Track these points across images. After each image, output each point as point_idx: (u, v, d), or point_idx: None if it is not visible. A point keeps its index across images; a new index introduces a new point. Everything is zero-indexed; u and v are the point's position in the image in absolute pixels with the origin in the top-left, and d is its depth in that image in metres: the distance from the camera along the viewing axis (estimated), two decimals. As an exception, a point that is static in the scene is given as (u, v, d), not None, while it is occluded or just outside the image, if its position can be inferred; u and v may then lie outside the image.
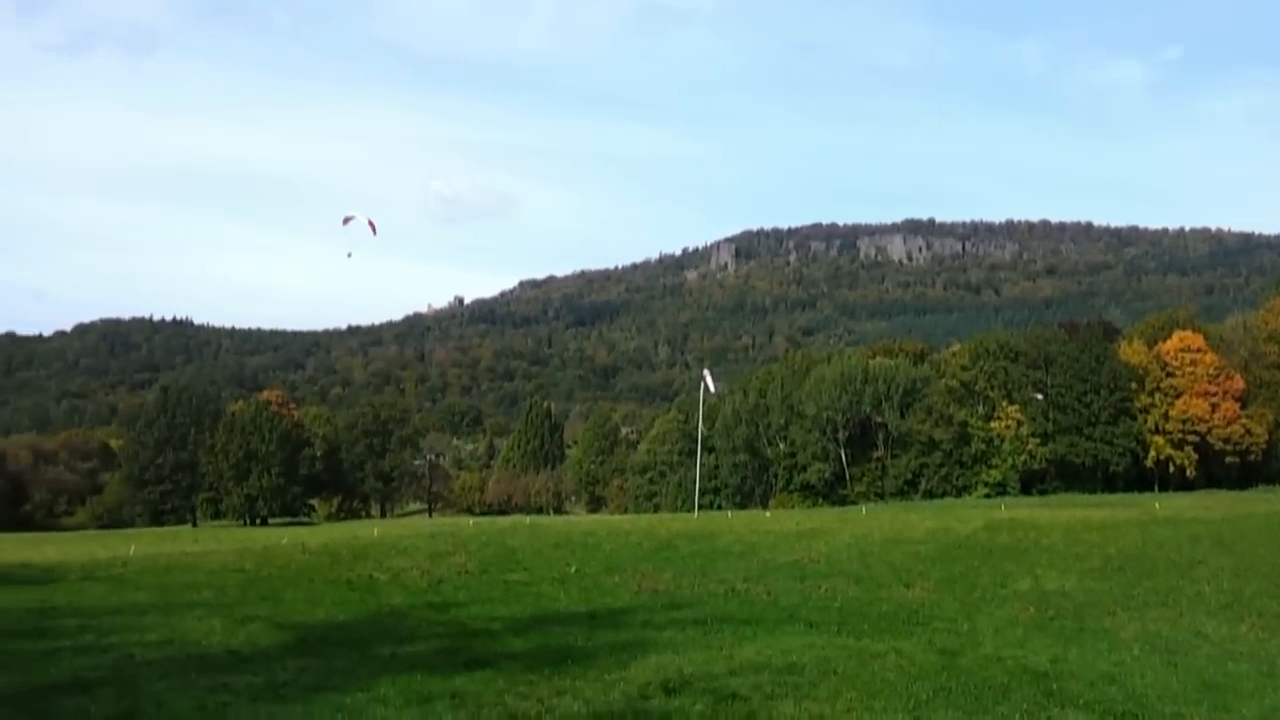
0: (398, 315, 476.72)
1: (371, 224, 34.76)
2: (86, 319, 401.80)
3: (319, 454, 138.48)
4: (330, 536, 51.09)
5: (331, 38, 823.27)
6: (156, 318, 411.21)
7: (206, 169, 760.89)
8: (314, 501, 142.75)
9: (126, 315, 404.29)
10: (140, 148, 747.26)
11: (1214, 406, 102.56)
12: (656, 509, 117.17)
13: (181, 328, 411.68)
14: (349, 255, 33.70)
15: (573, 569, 28.77)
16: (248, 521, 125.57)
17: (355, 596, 24.06)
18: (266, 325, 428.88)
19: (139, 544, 52.11)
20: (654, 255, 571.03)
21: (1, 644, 16.56)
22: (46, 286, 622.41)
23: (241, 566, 30.69)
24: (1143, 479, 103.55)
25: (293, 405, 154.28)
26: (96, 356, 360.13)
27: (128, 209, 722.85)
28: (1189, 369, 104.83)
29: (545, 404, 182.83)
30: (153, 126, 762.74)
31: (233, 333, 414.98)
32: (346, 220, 34.72)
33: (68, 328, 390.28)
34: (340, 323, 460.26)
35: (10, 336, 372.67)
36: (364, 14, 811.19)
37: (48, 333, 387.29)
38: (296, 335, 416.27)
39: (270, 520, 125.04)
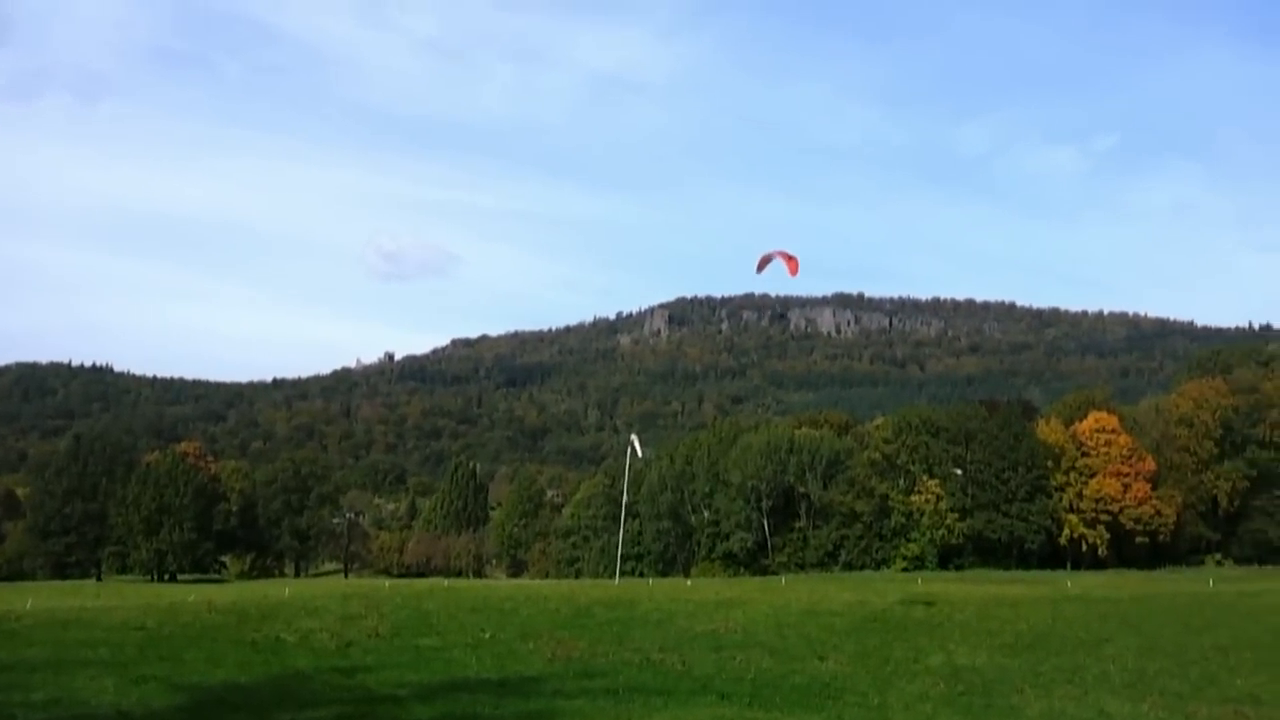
0: (326, 369, 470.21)
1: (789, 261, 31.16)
2: (0, 362, 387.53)
3: (234, 509, 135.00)
4: (240, 595, 49.65)
5: (286, 91, 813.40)
6: (75, 363, 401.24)
7: (139, 215, 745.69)
8: (226, 558, 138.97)
9: (44, 360, 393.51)
10: (72, 192, 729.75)
11: (1126, 487, 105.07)
12: (578, 575, 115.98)
13: (100, 374, 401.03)
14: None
15: (487, 635, 28.31)
16: (156, 577, 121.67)
17: (259, 658, 23.34)
18: (189, 375, 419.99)
19: (37, 598, 50.22)
20: (588, 319, 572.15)
21: (-125, 702, 15.74)
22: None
23: (143, 624, 29.62)
24: (1056, 556, 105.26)
25: (210, 458, 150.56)
26: (9, 401, 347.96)
27: (53, 252, 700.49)
28: (1103, 449, 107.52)
29: (471, 464, 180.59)
30: (87, 171, 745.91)
31: (154, 381, 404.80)
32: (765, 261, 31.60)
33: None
34: (266, 375, 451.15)
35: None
36: (319, 69, 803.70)
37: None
38: (219, 386, 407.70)
39: (180, 577, 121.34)
